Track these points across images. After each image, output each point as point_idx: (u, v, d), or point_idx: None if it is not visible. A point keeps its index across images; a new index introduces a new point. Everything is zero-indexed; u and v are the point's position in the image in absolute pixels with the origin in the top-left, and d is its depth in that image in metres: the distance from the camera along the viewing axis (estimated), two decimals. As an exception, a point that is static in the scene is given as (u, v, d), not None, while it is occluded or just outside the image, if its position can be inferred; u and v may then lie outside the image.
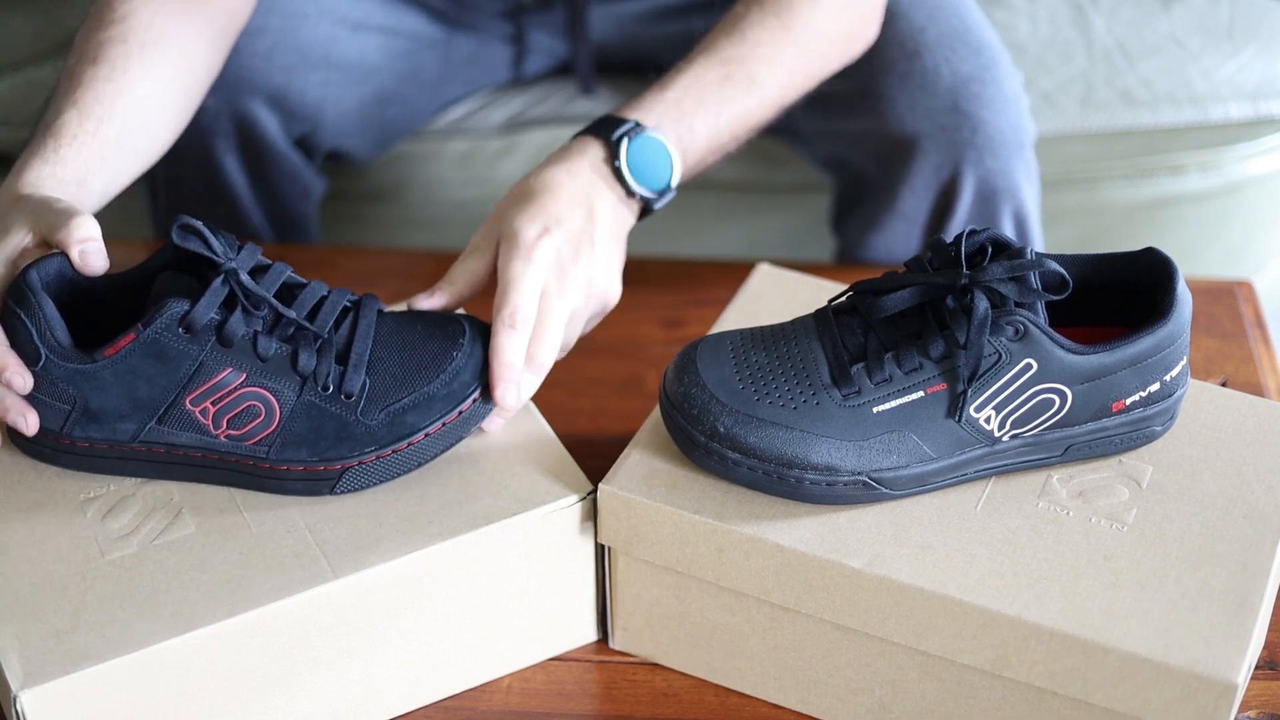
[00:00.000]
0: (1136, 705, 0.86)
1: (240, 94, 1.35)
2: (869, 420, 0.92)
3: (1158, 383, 0.94)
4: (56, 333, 0.92)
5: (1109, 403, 0.93)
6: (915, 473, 0.92)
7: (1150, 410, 0.95)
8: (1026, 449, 0.94)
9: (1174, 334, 0.93)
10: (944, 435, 0.92)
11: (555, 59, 1.57)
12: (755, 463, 0.92)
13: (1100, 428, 0.94)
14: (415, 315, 1.00)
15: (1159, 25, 1.65)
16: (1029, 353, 0.90)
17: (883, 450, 0.92)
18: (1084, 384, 0.92)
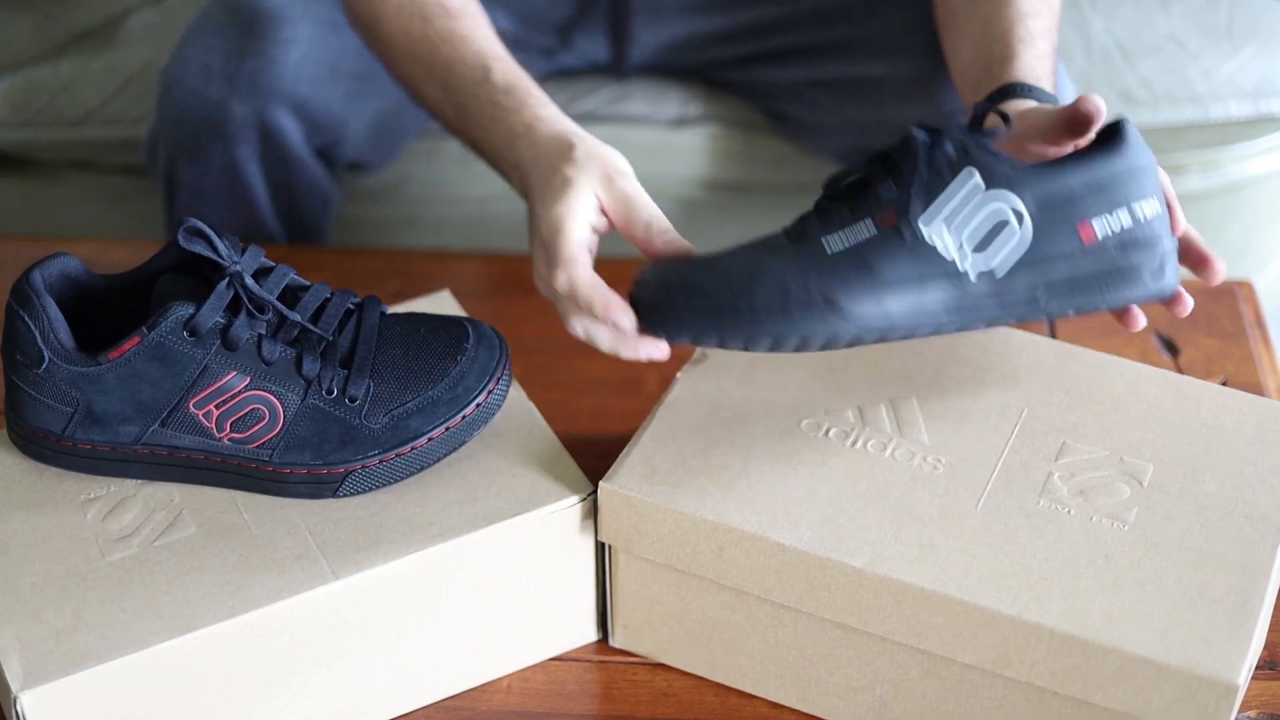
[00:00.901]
0: (1137, 705, 0.86)
1: (268, 103, 1.35)
2: (821, 256, 0.89)
3: (1127, 213, 0.91)
4: (60, 335, 0.93)
5: (1073, 224, 0.90)
6: (873, 296, 0.89)
7: (1130, 251, 0.91)
8: (1001, 293, 0.90)
9: (1131, 161, 0.91)
10: (901, 262, 0.89)
11: (589, 60, 1.56)
12: (704, 299, 0.90)
13: (1076, 267, 0.90)
14: (419, 317, 1.00)
15: (1158, 25, 1.64)
16: (971, 162, 0.89)
17: (838, 272, 0.88)
18: (1039, 203, 0.89)
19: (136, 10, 1.68)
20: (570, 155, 0.98)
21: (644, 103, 1.58)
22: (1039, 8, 1.15)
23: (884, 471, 0.96)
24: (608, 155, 0.99)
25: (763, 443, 0.98)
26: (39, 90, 1.63)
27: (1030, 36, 1.12)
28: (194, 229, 0.92)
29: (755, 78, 1.53)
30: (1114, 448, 0.97)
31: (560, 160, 0.99)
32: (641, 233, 0.96)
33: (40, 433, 0.96)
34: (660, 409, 1.00)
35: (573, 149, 0.99)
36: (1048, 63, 1.12)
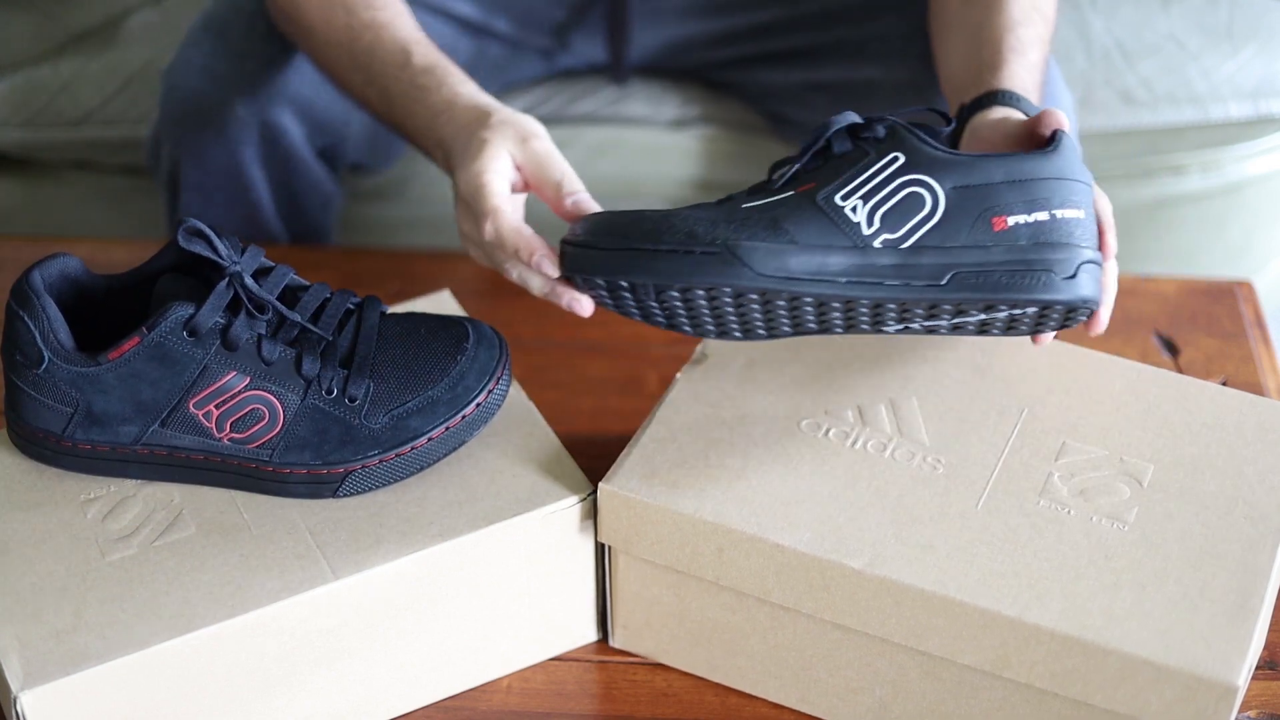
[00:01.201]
0: (1137, 706, 0.86)
1: (270, 104, 1.35)
2: (736, 211, 0.91)
3: (1045, 213, 0.90)
4: (59, 335, 0.93)
5: (987, 214, 0.90)
6: (776, 249, 0.89)
7: (1043, 249, 0.90)
8: (903, 268, 0.90)
9: (1061, 168, 0.91)
10: (810, 222, 0.90)
11: (587, 61, 1.56)
12: (616, 247, 0.91)
13: (984, 254, 0.90)
14: (419, 317, 1.00)
15: (1158, 25, 1.64)
16: (897, 147, 0.90)
17: (747, 224, 0.90)
18: (956, 188, 0.90)
19: (136, 10, 1.68)
20: (487, 121, 1.04)
21: (643, 104, 1.58)
22: (1031, 16, 1.15)
23: (884, 471, 0.96)
24: (523, 120, 1.04)
25: (763, 443, 0.98)
26: (39, 90, 1.63)
27: (1021, 45, 1.12)
28: (194, 229, 0.92)
29: (754, 80, 1.53)
30: (1114, 448, 0.97)
31: (478, 127, 1.04)
32: (552, 191, 1.01)
33: (40, 433, 0.96)
34: (660, 409, 1.00)
35: (489, 116, 1.04)
36: (1037, 73, 1.12)
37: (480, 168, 1.01)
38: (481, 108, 1.06)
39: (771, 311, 0.93)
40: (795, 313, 0.93)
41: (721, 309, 0.93)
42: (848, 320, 0.93)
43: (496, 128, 1.03)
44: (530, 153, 1.02)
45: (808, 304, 0.91)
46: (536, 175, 1.02)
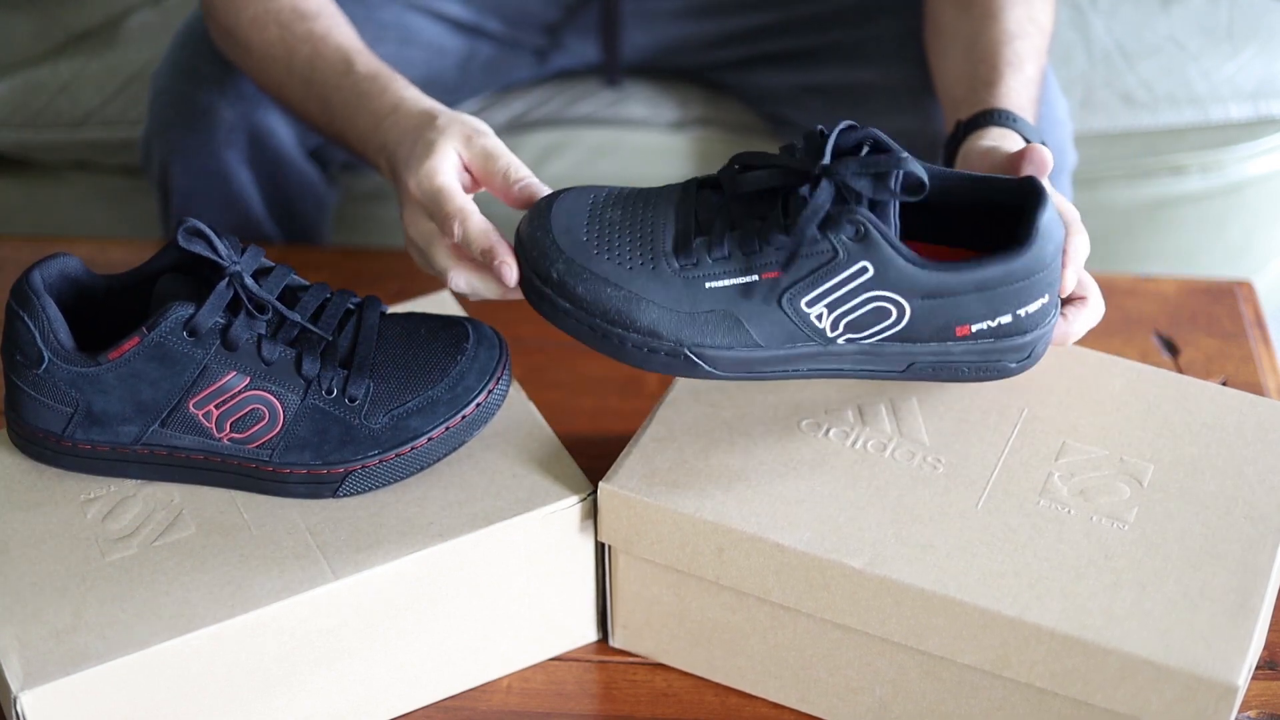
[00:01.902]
0: (1137, 706, 0.86)
1: (256, 105, 1.35)
2: (700, 294, 0.91)
3: (1009, 315, 0.91)
4: (59, 335, 0.93)
5: (951, 325, 0.91)
6: (740, 356, 0.91)
7: (1002, 344, 0.92)
8: (865, 357, 0.92)
9: (1030, 267, 0.89)
10: (773, 324, 0.90)
11: (581, 61, 1.56)
12: (583, 315, 0.91)
13: (945, 350, 0.92)
14: (419, 317, 1.00)
15: (1158, 26, 1.65)
16: (867, 255, 0.89)
17: (709, 327, 0.91)
18: (924, 299, 0.90)
19: (136, 10, 1.68)
20: (433, 123, 1.03)
21: (642, 106, 1.58)
22: (1028, 28, 1.15)
23: (884, 471, 0.96)
24: (468, 119, 1.03)
25: (763, 443, 0.98)
26: (39, 91, 1.63)
27: (1018, 60, 1.12)
28: (193, 229, 0.92)
29: (751, 81, 1.53)
30: (1114, 448, 0.97)
31: (424, 129, 1.03)
32: (500, 181, 1.00)
33: (40, 433, 0.96)
34: (660, 409, 1.00)
35: (435, 118, 1.03)
36: (1034, 88, 1.12)
37: (433, 167, 1.00)
38: (427, 111, 1.05)
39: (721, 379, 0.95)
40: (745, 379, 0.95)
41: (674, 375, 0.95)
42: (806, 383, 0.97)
43: (442, 129, 1.02)
44: (476, 149, 1.01)
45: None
46: (484, 169, 1.01)
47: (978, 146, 1.05)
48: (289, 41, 1.17)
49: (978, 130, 1.07)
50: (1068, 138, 1.39)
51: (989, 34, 1.15)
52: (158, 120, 1.40)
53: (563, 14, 1.49)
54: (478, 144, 1.01)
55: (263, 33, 1.19)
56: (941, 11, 1.24)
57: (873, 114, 1.41)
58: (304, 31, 1.17)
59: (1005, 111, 1.07)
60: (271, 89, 1.22)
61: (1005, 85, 1.10)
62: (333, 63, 1.14)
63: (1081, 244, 0.96)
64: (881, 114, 1.41)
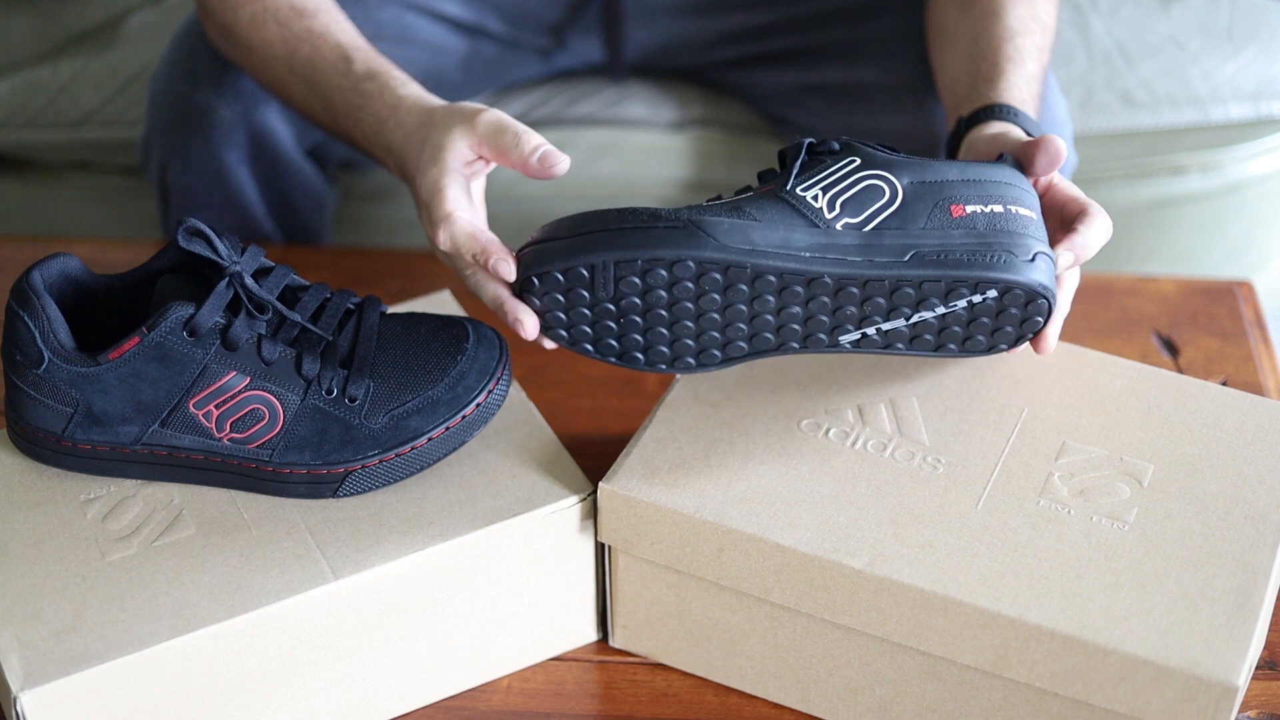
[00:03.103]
0: (1137, 706, 0.86)
1: (255, 105, 1.35)
2: (700, 207, 0.92)
3: (1000, 206, 0.93)
4: (60, 335, 0.93)
5: (944, 203, 0.92)
6: (739, 223, 0.90)
7: (1000, 232, 0.92)
8: (866, 248, 0.92)
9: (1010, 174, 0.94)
10: (773, 208, 0.91)
11: (583, 61, 1.56)
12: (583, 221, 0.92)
13: (944, 235, 0.92)
14: (419, 317, 1.00)
15: (1159, 27, 1.65)
16: (852, 153, 0.93)
17: (710, 211, 0.91)
18: (913, 180, 0.92)
19: (136, 10, 1.68)
20: (431, 119, 1.02)
21: (642, 106, 1.58)
22: (1030, 25, 1.15)
23: (884, 471, 0.96)
24: (465, 105, 1.02)
25: (762, 443, 0.98)
26: (39, 91, 1.63)
27: (1019, 55, 1.12)
28: (194, 229, 0.92)
29: (751, 81, 1.53)
30: (1114, 448, 0.97)
31: (425, 129, 1.02)
32: (516, 154, 0.98)
33: (40, 433, 0.96)
34: (660, 409, 1.00)
35: (433, 115, 1.03)
36: (1035, 84, 1.12)
37: (436, 172, 0.99)
38: (425, 109, 1.05)
39: (731, 307, 0.92)
40: (755, 303, 0.92)
41: (680, 305, 0.92)
42: (807, 316, 0.93)
43: (442, 123, 1.01)
44: (482, 127, 0.99)
45: (769, 293, 0.91)
46: (495, 145, 0.99)
47: (983, 135, 1.05)
48: (289, 40, 1.17)
49: (980, 124, 1.07)
50: (1068, 138, 1.39)
51: (991, 31, 1.15)
52: (157, 120, 1.40)
53: (565, 13, 1.49)
54: (481, 122, 0.99)
55: (262, 31, 1.19)
56: (943, 11, 1.24)
57: (873, 113, 1.41)
58: (303, 29, 1.17)
59: (1007, 106, 1.07)
60: (274, 88, 1.22)
61: (1007, 80, 1.10)
62: (332, 62, 1.14)
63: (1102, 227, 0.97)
64: (882, 113, 1.41)
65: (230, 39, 1.24)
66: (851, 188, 0.92)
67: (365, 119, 1.10)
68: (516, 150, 0.98)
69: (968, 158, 1.06)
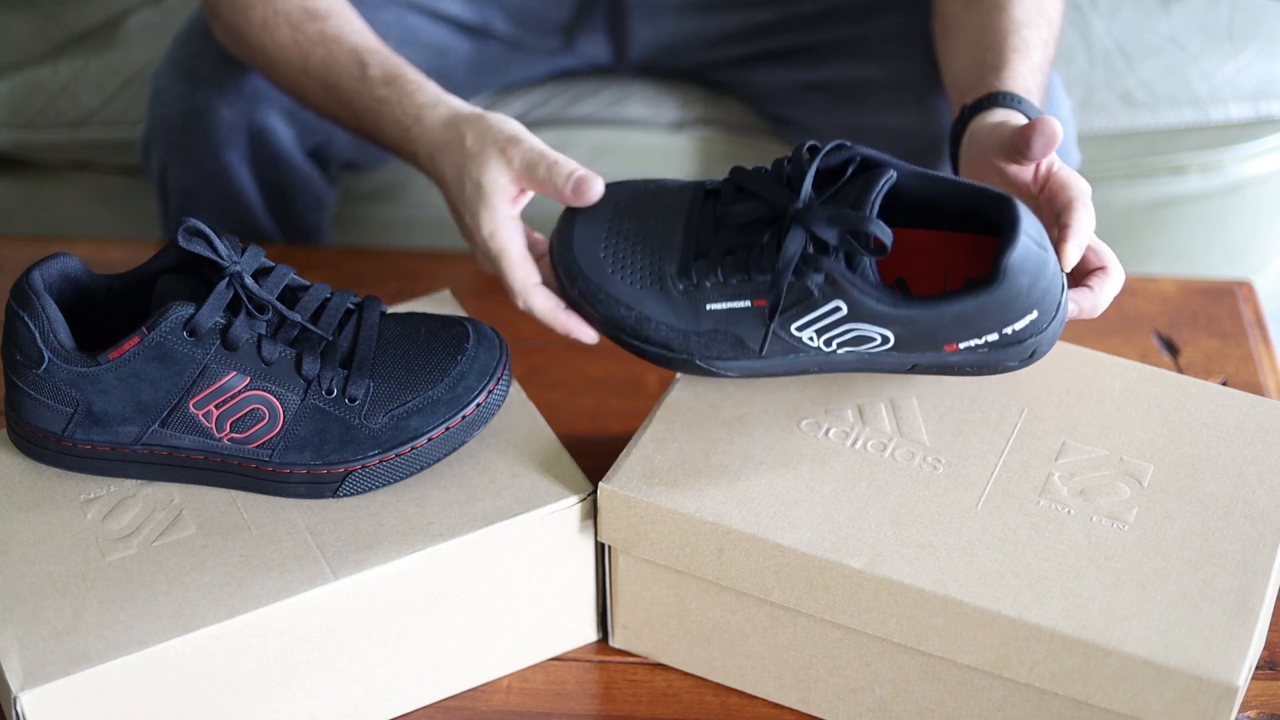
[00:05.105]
0: (1137, 706, 0.86)
1: (256, 105, 1.35)
2: (702, 314, 0.96)
3: (995, 334, 0.93)
4: (60, 335, 0.93)
5: (939, 343, 0.94)
6: (746, 365, 0.97)
7: (996, 354, 0.94)
8: (866, 363, 0.96)
9: (1004, 299, 0.90)
10: (772, 341, 0.95)
11: (588, 60, 1.56)
12: (607, 326, 0.99)
13: (941, 358, 0.95)
14: (419, 317, 1.00)
15: (1159, 27, 1.65)
16: (839, 296, 0.92)
17: (714, 343, 0.96)
18: (904, 326, 0.92)
19: (136, 10, 1.68)
20: (460, 136, 1.04)
21: (643, 106, 1.58)
22: (1035, 19, 1.15)
23: (884, 471, 0.96)
24: (496, 129, 1.03)
25: (763, 443, 0.98)
26: (39, 91, 1.63)
27: (1025, 46, 1.12)
28: (194, 229, 0.92)
29: (753, 80, 1.53)
30: (1114, 448, 0.97)
31: (461, 157, 1.04)
32: (550, 189, 1.01)
33: (40, 433, 0.96)
34: (660, 409, 1.00)
35: (464, 138, 1.04)
36: (1040, 75, 1.12)
37: (492, 227, 1.02)
38: (448, 117, 1.06)
39: None
40: None
41: None
42: None
43: (477, 155, 1.03)
44: (517, 165, 1.02)
45: None
46: (530, 181, 1.02)
47: (985, 124, 1.05)
48: (302, 45, 1.17)
49: (983, 112, 1.07)
50: (1071, 138, 1.39)
51: (997, 23, 1.15)
52: (157, 120, 1.40)
53: (572, 13, 1.49)
54: (516, 159, 1.02)
55: (274, 35, 1.19)
56: (950, 5, 1.24)
57: (875, 111, 1.41)
58: (316, 33, 1.16)
59: (1011, 94, 1.07)
60: (290, 91, 1.22)
61: (1011, 70, 1.10)
62: (347, 66, 1.14)
63: (1086, 219, 0.97)
64: (884, 111, 1.41)
65: (240, 42, 1.24)
66: (845, 333, 0.93)
67: (387, 125, 1.11)
68: (551, 183, 1.00)
69: (970, 148, 1.06)
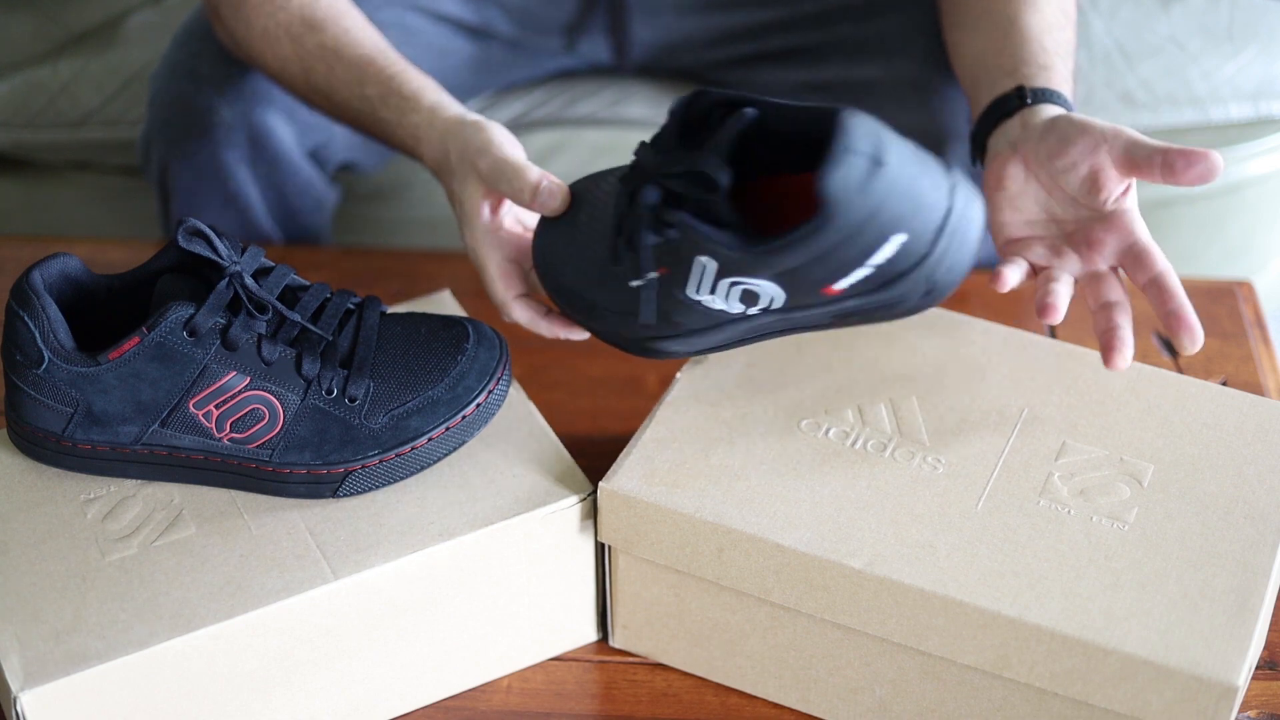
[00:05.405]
0: (1137, 706, 0.86)
1: (256, 105, 1.35)
2: (629, 295, 0.94)
3: (865, 268, 0.86)
4: (59, 335, 0.93)
5: (818, 289, 0.88)
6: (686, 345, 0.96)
7: (886, 294, 0.88)
8: (788, 320, 0.92)
9: (844, 225, 0.82)
10: (690, 312, 0.93)
11: (589, 61, 1.56)
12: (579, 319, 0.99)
13: (843, 307, 0.90)
14: (419, 317, 1.00)
15: (1159, 27, 1.64)
16: (700, 250, 0.89)
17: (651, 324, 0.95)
18: (773, 278, 0.88)
19: (136, 10, 1.68)
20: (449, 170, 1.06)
21: (643, 106, 1.58)
22: (1062, 20, 1.15)
23: (884, 471, 0.96)
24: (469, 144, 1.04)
25: (763, 443, 0.98)
26: (39, 91, 1.63)
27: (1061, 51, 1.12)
28: (193, 229, 0.92)
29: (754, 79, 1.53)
30: (1114, 448, 0.97)
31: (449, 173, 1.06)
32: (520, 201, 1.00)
33: (40, 433, 0.96)
34: (660, 409, 1.00)
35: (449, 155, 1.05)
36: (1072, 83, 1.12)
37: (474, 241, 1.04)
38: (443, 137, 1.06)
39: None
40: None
41: None
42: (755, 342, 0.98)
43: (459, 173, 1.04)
44: (487, 175, 1.02)
45: None
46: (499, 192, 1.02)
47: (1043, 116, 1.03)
48: (303, 59, 1.18)
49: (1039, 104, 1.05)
50: None
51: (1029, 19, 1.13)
52: (157, 120, 1.40)
53: (574, 14, 1.49)
54: (484, 170, 1.02)
55: (275, 48, 1.19)
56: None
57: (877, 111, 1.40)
58: (315, 46, 1.17)
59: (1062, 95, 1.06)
60: (299, 96, 1.22)
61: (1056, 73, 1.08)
62: (347, 84, 1.15)
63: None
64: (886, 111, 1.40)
65: (243, 51, 1.25)
66: (734, 289, 0.90)
67: (394, 142, 1.13)
68: (516, 195, 1.00)
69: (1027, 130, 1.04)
